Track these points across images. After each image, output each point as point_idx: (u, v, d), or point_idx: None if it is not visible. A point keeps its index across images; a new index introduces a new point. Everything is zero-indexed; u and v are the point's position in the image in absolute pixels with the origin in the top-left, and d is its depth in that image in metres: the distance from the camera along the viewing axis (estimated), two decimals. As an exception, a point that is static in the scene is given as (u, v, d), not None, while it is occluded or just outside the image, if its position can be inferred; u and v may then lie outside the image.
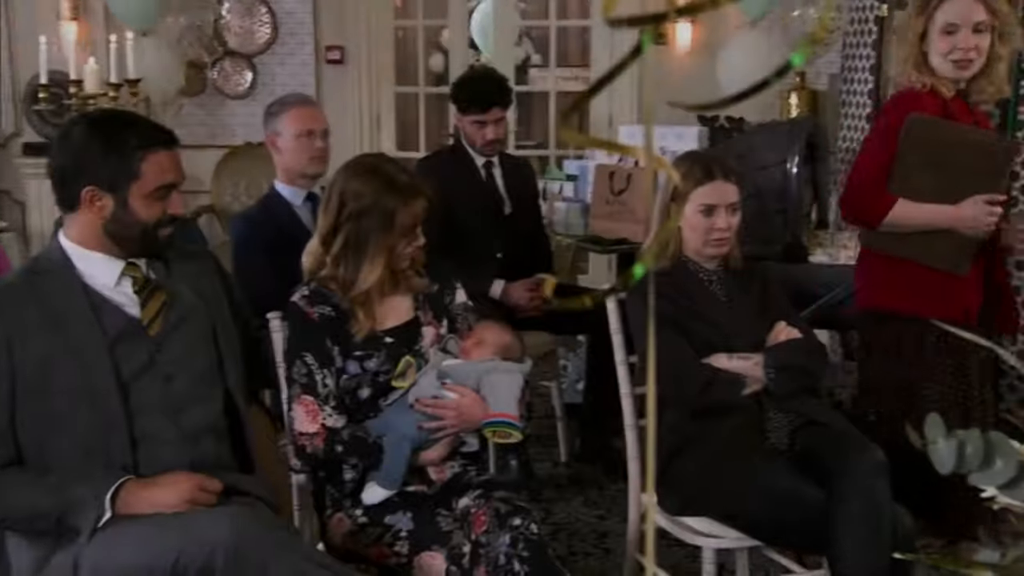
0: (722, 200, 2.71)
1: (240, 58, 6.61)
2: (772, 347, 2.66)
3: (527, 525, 2.19)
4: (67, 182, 2.13)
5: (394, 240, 2.37)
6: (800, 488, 2.43)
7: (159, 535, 1.93)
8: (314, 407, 2.34)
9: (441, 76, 8.71)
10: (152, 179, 2.12)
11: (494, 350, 2.48)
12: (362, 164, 2.47)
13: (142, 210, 2.13)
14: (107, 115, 2.26)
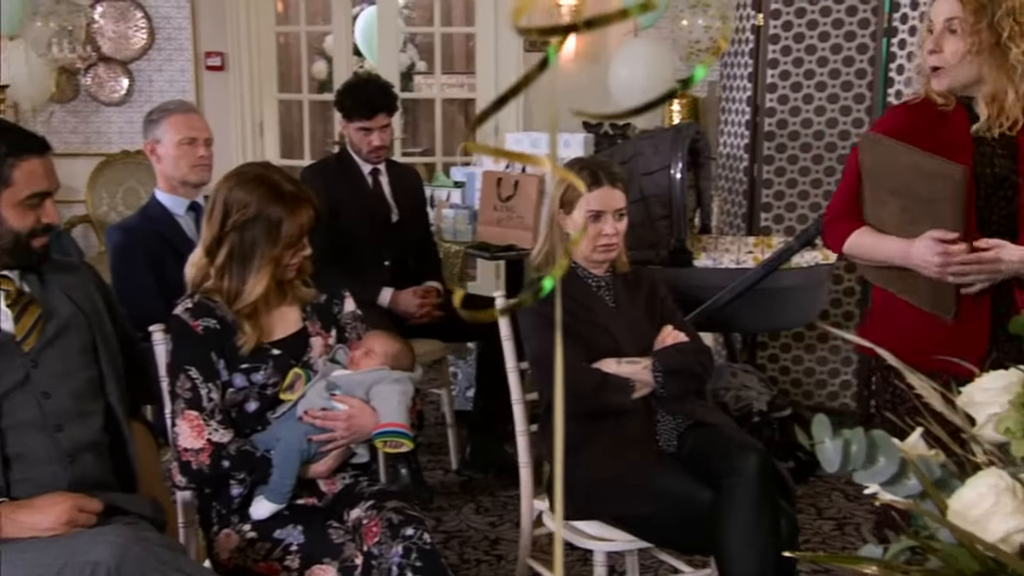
0: (609, 206, 2.74)
1: (115, 64, 6.43)
2: (660, 351, 2.70)
3: (420, 535, 2.17)
4: None
5: (280, 250, 2.33)
6: (689, 490, 2.47)
7: (36, 559, 1.85)
8: (199, 422, 2.28)
9: (324, 83, 8.62)
10: (23, 187, 2.05)
11: (383, 360, 2.46)
12: (247, 173, 2.41)
13: (14, 219, 2.06)
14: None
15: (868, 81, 4.61)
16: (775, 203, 4.80)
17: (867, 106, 4.61)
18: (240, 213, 2.34)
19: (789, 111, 4.74)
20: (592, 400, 2.61)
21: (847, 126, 4.67)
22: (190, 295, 2.39)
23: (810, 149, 4.73)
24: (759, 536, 2.34)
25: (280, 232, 2.32)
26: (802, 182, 4.76)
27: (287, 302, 2.45)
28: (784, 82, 4.73)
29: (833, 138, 4.69)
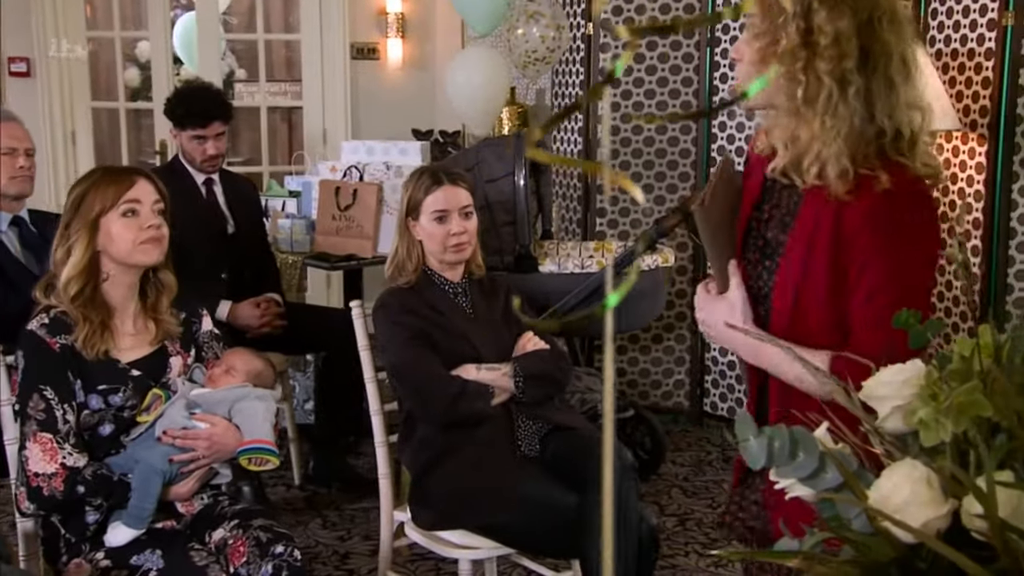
0: (454, 204, 2.75)
1: (-94, 68, 6.00)
2: (520, 356, 2.72)
3: (290, 551, 2.11)
4: None
5: (95, 216, 2.28)
6: (552, 495, 2.49)
7: None
8: (52, 445, 2.15)
9: (137, 91, 8.30)
10: None
11: (245, 377, 2.39)
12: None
13: None
14: None
15: (694, 89, 4.77)
16: (609, 208, 4.91)
17: (694, 89, 4.78)
18: (71, 207, 2.32)
19: (620, 118, 4.86)
20: (452, 408, 2.59)
21: (676, 132, 4.83)
22: (44, 310, 2.26)
23: (641, 155, 4.86)
24: (623, 539, 2.38)
25: (92, 198, 2.28)
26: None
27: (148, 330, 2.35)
28: (615, 89, 4.84)
29: (663, 144, 4.84)
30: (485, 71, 5.20)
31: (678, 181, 4.84)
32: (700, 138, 4.77)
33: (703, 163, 4.77)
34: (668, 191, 4.85)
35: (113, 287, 2.32)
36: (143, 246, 2.29)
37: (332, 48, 6.63)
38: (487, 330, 2.76)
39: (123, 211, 2.27)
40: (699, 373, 4.93)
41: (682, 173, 4.83)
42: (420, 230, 2.77)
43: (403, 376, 2.66)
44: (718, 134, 4.70)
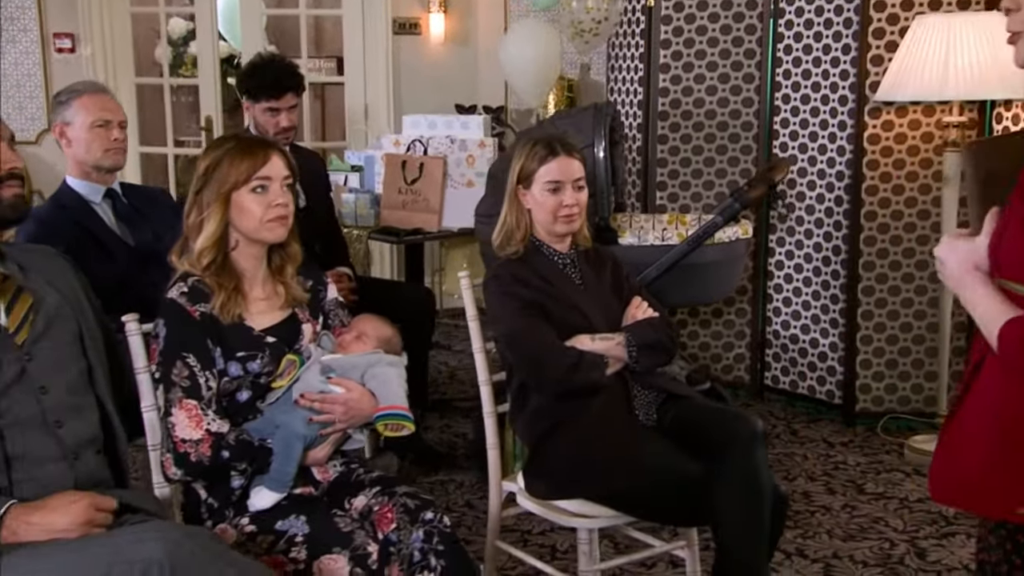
0: (567, 176, 2.74)
1: (-47, 45, 5.97)
2: (632, 326, 2.71)
3: (439, 519, 2.12)
4: None
5: (228, 188, 2.27)
6: (677, 462, 2.48)
7: (76, 561, 1.71)
8: (197, 412, 2.15)
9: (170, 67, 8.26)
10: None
11: (376, 343, 2.39)
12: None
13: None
14: None
15: (757, 61, 4.75)
16: (669, 182, 4.90)
17: (756, 85, 4.77)
18: (202, 175, 2.31)
19: (682, 91, 4.85)
20: (568, 378, 2.59)
21: (738, 105, 4.81)
22: (182, 279, 2.26)
23: (703, 128, 4.85)
24: (756, 504, 2.38)
25: (226, 170, 2.27)
26: (695, 161, 4.87)
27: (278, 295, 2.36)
28: (676, 62, 4.83)
29: (724, 117, 4.83)
30: (537, 44, 5.18)
31: (740, 154, 4.83)
32: (763, 110, 4.75)
33: (765, 136, 4.75)
34: (730, 164, 4.84)
35: (241, 255, 2.33)
36: (269, 224, 2.29)
37: (374, 23, 6.61)
38: (597, 300, 2.76)
39: (254, 187, 2.27)
40: (760, 347, 4.93)
41: (744, 146, 4.82)
42: (531, 199, 2.76)
43: (517, 347, 2.65)
44: (781, 106, 4.68)
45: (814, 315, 4.68)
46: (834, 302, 4.58)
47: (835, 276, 4.56)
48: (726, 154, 4.86)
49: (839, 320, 4.56)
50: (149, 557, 1.66)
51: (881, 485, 3.91)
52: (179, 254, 2.33)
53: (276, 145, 2.35)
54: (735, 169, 4.85)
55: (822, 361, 4.67)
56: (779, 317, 4.84)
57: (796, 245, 4.71)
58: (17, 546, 1.78)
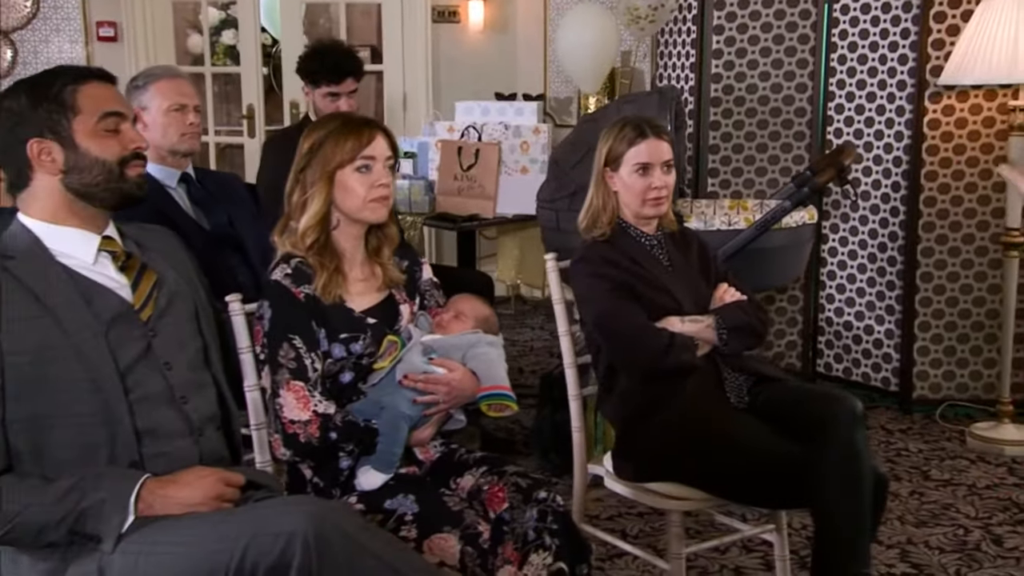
0: (656, 158, 2.72)
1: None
2: (722, 308, 2.70)
3: (552, 498, 2.10)
4: (10, 151, 1.91)
5: (333, 168, 2.26)
6: (774, 444, 2.46)
7: (218, 532, 1.71)
8: (304, 393, 2.15)
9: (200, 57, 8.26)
10: (92, 109, 1.91)
11: (475, 323, 2.38)
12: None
13: (95, 147, 1.91)
14: (27, 77, 1.99)
15: (811, 46, 4.73)
16: (721, 168, 4.88)
17: (810, 71, 4.74)
18: (305, 154, 2.31)
19: (734, 77, 4.82)
20: (660, 360, 2.57)
21: (791, 91, 4.78)
22: (284, 260, 2.26)
23: (755, 114, 4.83)
24: (858, 485, 2.36)
25: (331, 149, 2.26)
26: (748, 147, 4.85)
27: (376, 276, 2.36)
28: (729, 48, 4.81)
29: (778, 103, 4.80)
30: (593, 30, 5.16)
31: (793, 140, 4.80)
32: (816, 96, 4.72)
33: (819, 123, 4.73)
34: (782, 150, 4.82)
35: (342, 235, 2.32)
36: (372, 204, 2.29)
37: (413, 11, 6.59)
38: (685, 281, 2.74)
39: (358, 166, 2.26)
40: (812, 335, 4.91)
41: (797, 132, 4.79)
42: (618, 182, 2.75)
43: (608, 329, 2.64)
44: (835, 92, 4.66)
45: (869, 302, 4.65)
46: (890, 288, 4.55)
47: (891, 263, 4.54)
48: (779, 140, 4.83)
49: (895, 307, 4.54)
50: (293, 530, 1.65)
51: (946, 472, 3.89)
52: (280, 233, 2.33)
53: (380, 125, 2.34)
54: (788, 156, 4.83)
55: (877, 348, 4.65)
56: (832, 304, 4.81)
57: (850, 231, 4.68)
58: (153, 519, 1.78)
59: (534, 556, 2.03)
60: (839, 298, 4.78)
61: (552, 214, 3.92)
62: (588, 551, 2.13)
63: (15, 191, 1.95)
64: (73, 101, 1.90)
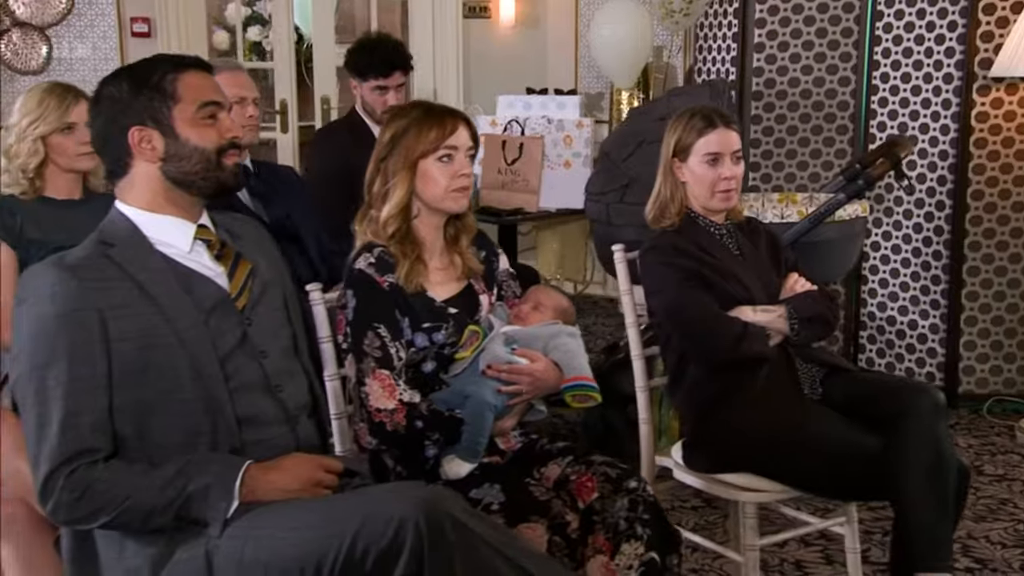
0: (727, 148, 2.70)
1: (32, 30, 5.97)
2: (794, 298, 2.68)
3: (643, 487, 2.09)
4: (111, 139, 1.91)
5: (416, 157, 2.26)
6: (853, 435, 2.45)
7: (325, 518, 1.71)
8: (390, 382, 2.14)
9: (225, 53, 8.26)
10: (191, 98, 1.92)
11: (553, 313, 2.36)
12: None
13: (194, 135, 1.91)
14: (127, 65, 2.01)
15: (854, 40, 4.70)
16: (763, 162, 4.87)
17: (853, 64, 4.72)
18: (387, 143, 2.30)
19: (776, 70, 4.80)
20: (734, 350, 2.56)
21: (834, 84, 4.76)
22: (367, 249, 2.25)
23: (797, 108, 4.80)
24: (941, 477, 2.35)
25: (413, 138, 2.26)
26: (790, 141, 4.83)
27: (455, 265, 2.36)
28: (771, 42, 4.79)
29: (820, 96, 4.78)
30: (628, 24, 5.15)
31: (835, 134, 4.78)
32: (859, 90, 4.70)
33: (861, 116, 4.71)
34: (824, 144, 4.79)
35: (422, 224, 2.32)
36: (453, 194, 2.28)
37: (443, 7, 6.57)
38: (756, 271, 2.72)
39: (440, 156, 2.25)
40: (854, 329, 4.89)
41: (840, 126, 4.77)
42: (687, 172, 2.73)
43: (680, 318, 2.62)
44: (879, 85, 4.64)
45: (913, 296, 4.63)
46: (935, 283, 4.53)
47: (936, 256, 4.52)
48: (821, 134, 4.81)
49: (940, 301, 4.52)
50: (403, 515, 1.64)
51: (1000, 467, 3.87)
52: (361, 222, 2.32)
53: (463, 114, 2.33)
54: (830, 150, 4.81)
55: (921, 343, 4.63)
56: (875, 299, 4.79)
57: (894, 226, 4.66)
58: (255, 504, 1.79)
59: (626, 546, 2.02)
60: (882, 293, 4.76)
61: (602, 207, 3.91)
62: (679, 541, 2.12)
63: (114, 179, 1.95)
64: (173, 89, 1.90)
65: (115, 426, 1.79)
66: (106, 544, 1.82)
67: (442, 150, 2.25)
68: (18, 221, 2.75)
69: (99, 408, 1.77)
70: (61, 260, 1.84)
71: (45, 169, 2.82)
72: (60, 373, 1.75)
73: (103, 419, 1.78)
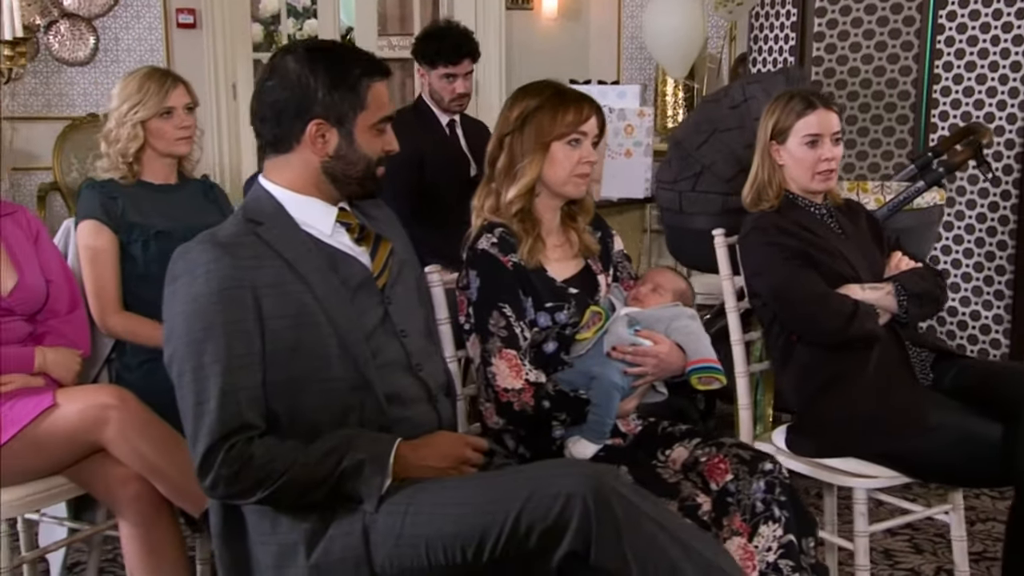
0: (827, 129, 2.68)
1: (79, 21, 5.96)
2: (902, 275, 2.64)
3: (779, 469, 2.07)
4: (287, 119, 1.88)
5: (550, 138, 2.24)
6: (970, 422, 2.41)
7: (487, 494, 1.70)
8: (516, 362, 2.13)
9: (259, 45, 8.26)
10: (375, 110, 1.91)
11: (674, 296, 2.35)
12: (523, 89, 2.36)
13: (366, 144, 1.91)
14: (321, 45, 1.98)
15: (916, 28, 4.68)
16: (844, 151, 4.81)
17: (915, 53, 4.69)
18: (515, 120, 2.28)
19: (836, 60, 4.78)
20: (845, 328, 2.51)
21: (894, 74, 4.73)
22: (487, 229, 2.24)
23: (857, 97, 4.78)
24: None
25: (548, 119, 2.24)
26: (849, 131, 4.80)
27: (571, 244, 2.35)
28: (831, 31, 4.76)
29: (880, 86, 4.75)
30: (682, 14, 5.12)
31: (896, 124, 4.75)
32: (921, 79, 4.68)
33: (923, 105, 4.68)
34: (884, 134, 4.77)
35: (541, 204, 2.31)
36: (575, 179, 2.28)
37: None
38: (860, 249, 2.69)
39: (570, 140, 2.24)
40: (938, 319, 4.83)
41: (900, 116, 4.74)
42: (785, 155, 2.70)
43: (787, 298, 2.59)
44: (942, 74, 4.61)
45: (976, 287, 4.60)
46: (1000, 273, 4.51)
47: (1001, 247, 4.49)
48: (881, 124, 4.78)
49: (1005, 292, 4.49)
50: (572, 491, 1.63)
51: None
52: (481, 197, 2.31)
53: (594, 101, 2.31)
54: (890, 139, 4.78)
55: (984, 334, 4.60)
56: (935, 289, 4.76)
57: (955, 216, 4.63)
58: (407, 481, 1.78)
59: (764, 528, 2.00)
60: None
61: (674, 195, 3.88)
62: (814, 523, 2.10)
63: (269, 151, 1.93)
64: (364, 96, 1.89)
65: (267, 404, 1.79)
66: (258, 520, 1.81)
67: (574, 134, 2.24)
68: (120, 205, 2.74)
69: (254, 385, 1.76)
70: (213, 237, 1.83)
71: (143, 154, 2.80)
72: (217, 350, 1.74)
73: (258, 396, 1.77)
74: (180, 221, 2.80)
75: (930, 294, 2.63)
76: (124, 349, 2.76)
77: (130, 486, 2.26)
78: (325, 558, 1.75)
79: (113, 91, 2.87)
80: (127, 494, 2.26)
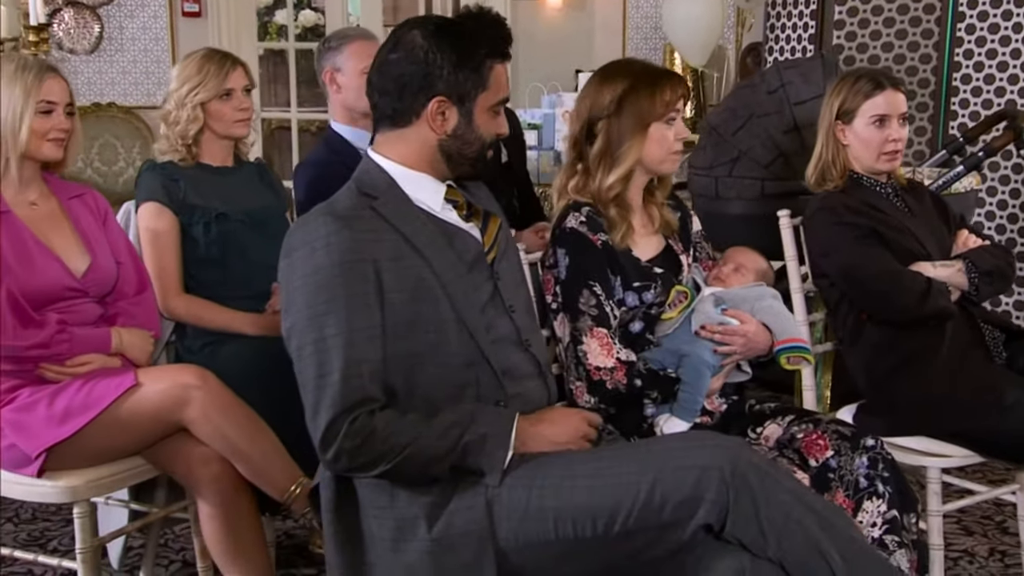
0: (894, 110, 2.67)
1: (83, 9, 5.90)
2: (972, 252, 2.64)
3: (881, 445, 2.07)
4: (411, 93, 1.85)
5: (650, 118, 2.21)
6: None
7: (618, 468, 1.68)
8: (608, 340, 2.12)
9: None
10: (495, 91, 1.90)
11: (756, 276, 2.34)
12: (610, 67, 2.33)
13: (483, 125, 1.91)
14: (447, 21, 1.96)
15: (936, 16, 4.70)
16: (842, 140, 4.85)
17: (935, 41, 4.71)
18: (610, 104, 2.23)
19: (856, 48, 4.79)
20: (919, 306, 2.51)
21: (915, 62, 4.75)
22: (574, 208, 2.21)
23: (878, 85, 4.78)
24: None
25: (646, 100, 2.21)
26: (870, 118, 4.81)
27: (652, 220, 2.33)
28: (852, 19, 4.78)
29: (900, 74, 4.77)
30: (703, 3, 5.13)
31: (915, 111, 4.77)
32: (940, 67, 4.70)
33: (942, 93, 4.70)
34: (905, 122, 4.78)
35: (634, 184, 2.28)
36: (672, 156, 2.27)
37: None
38: (928, 227, 2.69)
39: (668, 118, 2.23)
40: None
41: (920, 103, 4.76)
42: (851, 135, 2.70)
43: (858, 277, 2.58)
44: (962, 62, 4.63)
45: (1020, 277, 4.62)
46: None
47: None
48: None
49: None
50: (709, 463, 1.62)
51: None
52: (568, 180, 2.28)
53: (676, 72, 2.29)
54: (910, 127, 4.79)
55: (1018, 310, 4.62)
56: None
57: (988, 192, 4.64)
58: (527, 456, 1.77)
59: (868, 504, 2.00)
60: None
61: (710, 181, 3.88)
62: (916, 500, 2.09)
63: (386, 124, 1.90)
64: (487, 76, 1.88)
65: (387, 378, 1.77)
66: (375, 494, 1.79)
67: (672, 112, 2.22)
68: (181, 187, 2.70)
69: (376, 358, 1.74)
70: (332, 209, 1.81)
71: (201, 136, 2.77)
72: (339, 322, 1.71)
73: (379, 370, 1.75)
74: (238, 203, 2.78)
75: (1000, 271, 2.64)
76: (185, 331, 2.72)
77: (212, 466, 2.22)
78: (447, 532, 1.73)
79: (172, 72, 2.84)
80: (208, 474, 2.23)
